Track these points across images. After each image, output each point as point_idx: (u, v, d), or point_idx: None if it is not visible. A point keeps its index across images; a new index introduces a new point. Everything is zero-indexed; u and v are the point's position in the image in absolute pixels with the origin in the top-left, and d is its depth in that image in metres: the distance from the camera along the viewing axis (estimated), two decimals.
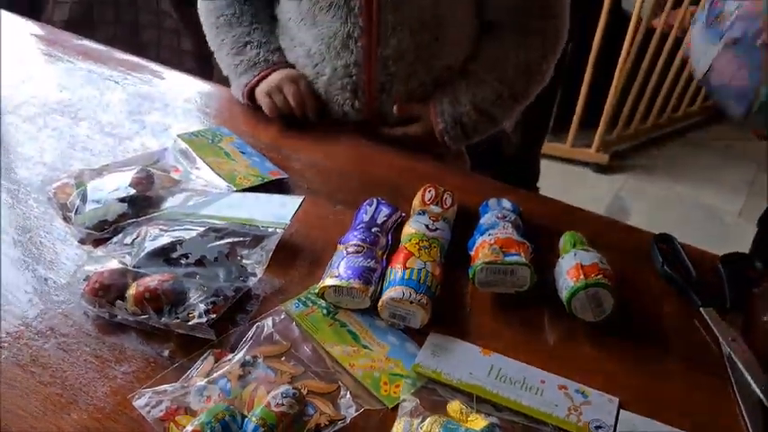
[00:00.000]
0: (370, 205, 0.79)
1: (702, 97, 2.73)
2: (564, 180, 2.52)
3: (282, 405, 0.56)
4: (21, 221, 0.78)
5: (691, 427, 0.60)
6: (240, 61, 0.96)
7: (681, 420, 0.60)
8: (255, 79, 0.96)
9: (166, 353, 0.63)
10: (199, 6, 1.01)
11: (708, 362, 0.67)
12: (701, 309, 0.71)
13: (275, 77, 0.95)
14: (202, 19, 1.01)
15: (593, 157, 2.60)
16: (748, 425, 0.61)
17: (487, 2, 0.95)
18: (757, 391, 0.63)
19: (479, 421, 0.56)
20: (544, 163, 2.50)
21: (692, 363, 0.67)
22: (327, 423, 0.57)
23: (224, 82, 1.03)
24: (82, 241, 0.75)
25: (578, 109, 2.49)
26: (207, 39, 1.00)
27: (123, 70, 1.06)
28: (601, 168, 2.61)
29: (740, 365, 0.66)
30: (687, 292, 0.73)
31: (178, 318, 0.65)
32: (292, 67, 0.97)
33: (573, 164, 2.62)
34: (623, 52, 2.38)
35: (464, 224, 0.78)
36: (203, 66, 1.02)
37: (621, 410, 0.61)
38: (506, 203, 0.79)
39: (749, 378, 0.64)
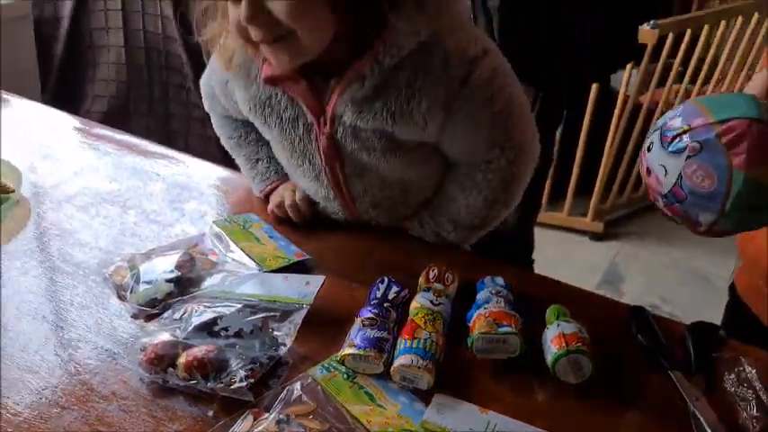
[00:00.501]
0: (382, 283, 0.91)
1: None
2: (563, 248, 2.65)
3: None
4: (81, 300, 0.91)
5: None
6: (255, 174, 1.10)
7: None
8: (268, 189, 1.09)
9: (212, 413, 0.74)
10: (213, 124, 1.15)
11: (675, 419, 0.77)
12: (669, 372, 0.82)
13: (281, 189, 1.08)
14: (218, 134, 1.15)
15: (589, 226, 2.73)
16: None
17: (443, 152, 0.99)
18: None
19: None
20: (544, 232, 2.65)
21: (661, 419, 0.77)
22: None
23: None
24: (135, 316, 0.88)
25: (573, 180, 2.64)
26: None
27: (163, 163, 1.21)
28: (597, 236, 2.74)
29: (703, 422, 0.76)
30: (657, 357, 0.84)
31: (222, 383, 0.76)
32: None
33: (570, 232, 2.75)
34: (612, 126, 2.54)
35: (463, 298, 0.90)
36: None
37: None
38: (500, 281, 0.91)
39: None
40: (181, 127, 1.68)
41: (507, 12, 1.21)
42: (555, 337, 0.81)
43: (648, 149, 0.81)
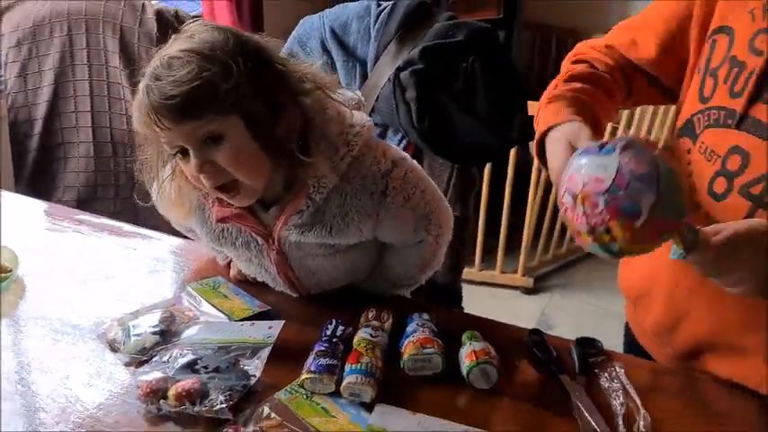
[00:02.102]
0: (330, 324, 1.11)
1: None
2: (497, 302, 2.90)
3: None
4: (81, 353, 1.09)
5: None
6: (215, 251, 1.30)
7: None
8: (228, 260, 1.30)
9: (200, 429, 0.93)
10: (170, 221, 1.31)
11: (563, 409, 0.99)
12: (558, 376, 1.06)
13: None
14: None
15: (520, 281, 3.01)
16: None
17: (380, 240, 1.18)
18: (594, 426, 0.96)
19: None
20: (479, 288, 2.90)
21: (552, 410, 0.99)
22: None
23: None
24: (128, 364, 1.06)
25: (501, 240, 2.92)
26: None
27: (138, 240, 1.41)
28: (527, 290, 3.01)
29: (584, 410, 0.99)
30: (549, 366, 1.08)
31: (206, 407, 0.95)
32: None
33: (503, 288, 3.02)
34: (531, 190, 2.86)
35: (397, 331, 1.11)
36: None
37: None
38: (425, 316, 1.13)
39: (589, 418, 0.98)
40: (144, 209, 1.87)
41: (422, 102, 1.49)
42: (468, 353, 1.04)
43: (578, 171, 0.84)
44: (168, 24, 1.85)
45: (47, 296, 1.22)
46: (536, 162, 2.80)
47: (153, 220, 1.52)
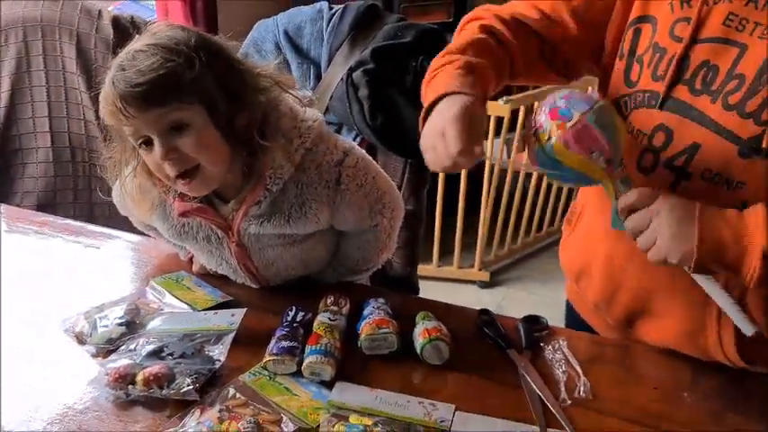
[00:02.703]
0: (291, 310, 1.17)
1: (559, 217, 3.33)
2: (455, 296, 2.95)
3: (248, 430, 0.92)
4: (50, 345, 1.12)
5: (501, 417, 0.99)
6: (181, 246, 1.34)
7: (494, 414, 1.00)
8: (190, 255, 1.34)
9: (168, 412, 0.98)
10: (132, 221, 1.34)
11: (510, 379, 1.07)
12: (506, 350, 1.13)
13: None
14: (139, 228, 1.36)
15: (477, 276, 3.10)
16: (533, 413, 1.01)
17: (337, 229, 1.24)
18: (538, 392, 1.04)
19: (366, 420, 0.94)
20: (437, 284, 2.98)
21: (500, 380, 1.07)
22: None
23: None
24: (95, 355, 1.10)
25: (458, 236, 3.01)
26: None
27: (100, 238, 1.44)
28: (484, 284, 3.11)
29: (529, 380, 1.07)
30: (498, 341, 1.15)
31: (173, 390, 1.00)
32: None
33: (461, 282, 3.11)
34: (484, 190, 2.95)
35: (355, 314, 1.18)
36: None
37: (457, 412, 1.00)
38: (381, 300, 1.20)
39: (534, 386, 1.06)
40: (103, 212, 1.90)
41: (374, 100, 1.56)
42: (421, 331, 1.10)
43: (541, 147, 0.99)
44: (124, 30, 1.88)
45: (13, 293, 1.25)
46: (488, 157, 2.93)
47: (109, 223, 1.56)
